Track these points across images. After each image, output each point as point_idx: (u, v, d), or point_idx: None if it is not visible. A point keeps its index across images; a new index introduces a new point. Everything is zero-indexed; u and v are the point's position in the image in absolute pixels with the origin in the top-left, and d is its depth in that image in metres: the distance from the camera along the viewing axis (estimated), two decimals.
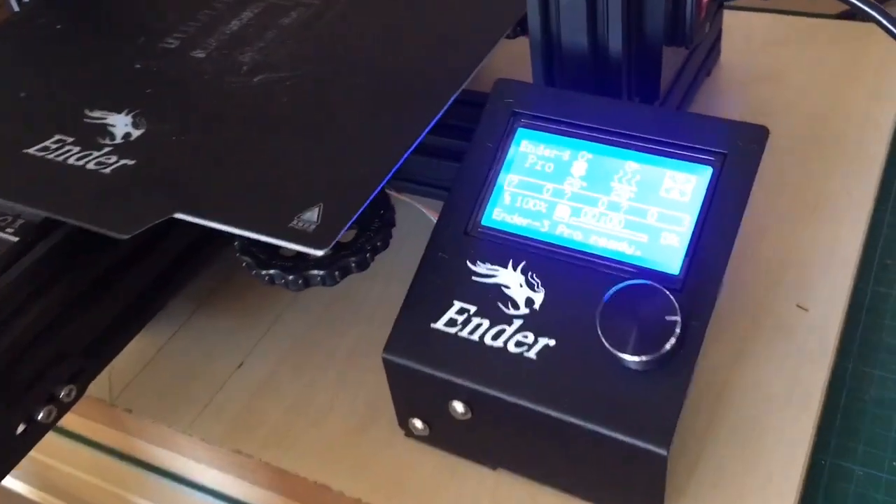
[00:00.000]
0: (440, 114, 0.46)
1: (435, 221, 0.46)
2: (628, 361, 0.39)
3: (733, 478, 0.44)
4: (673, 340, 0.39)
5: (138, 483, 0.59)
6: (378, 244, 0.44)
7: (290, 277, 0.43)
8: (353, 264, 0.44)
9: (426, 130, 0.45)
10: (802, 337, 0.50)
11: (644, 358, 0.39)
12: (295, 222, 0.40)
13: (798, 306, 0.52)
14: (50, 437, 0.47)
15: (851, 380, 0.50)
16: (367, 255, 0.44)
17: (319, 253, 0.39)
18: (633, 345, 0.39)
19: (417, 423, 0.46)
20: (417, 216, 0.51)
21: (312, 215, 0.41)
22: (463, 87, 0.47)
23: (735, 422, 0.47)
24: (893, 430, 0.47)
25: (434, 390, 0.43)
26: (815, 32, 0.71)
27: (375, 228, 0.45)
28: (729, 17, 0.68)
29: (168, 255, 0.49)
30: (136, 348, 0.54)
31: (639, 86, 0.52)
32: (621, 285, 0.40)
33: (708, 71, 0.67)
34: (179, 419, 0.51)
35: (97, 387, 0.51)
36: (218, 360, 0.54)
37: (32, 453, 0.45)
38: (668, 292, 0.39)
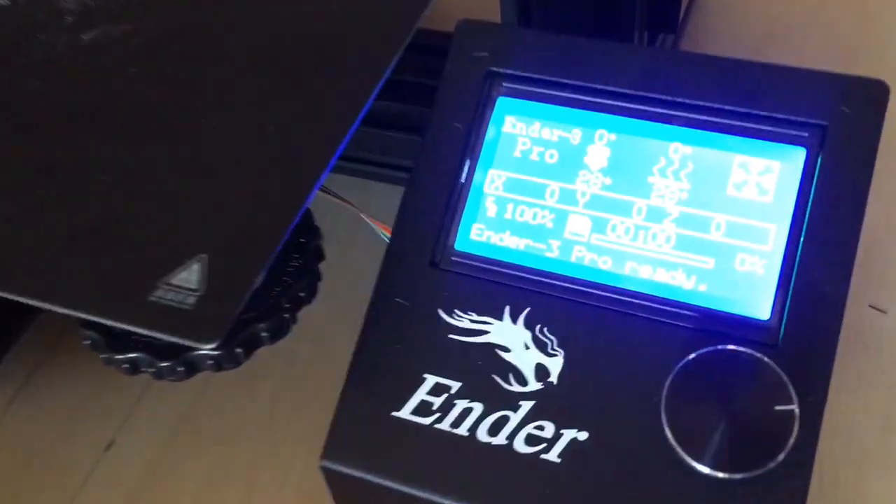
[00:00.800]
0: (381, 82, 0.29)
1: (387, 240, 0.31)
2: (716, 477, 0.25)
3: None
4: (790, 443, 0.24)
5: None
6: (301, 294, 0.29)
7: (165, 365, 0.27)
8: (263, 333, 0.28)
9: (363, 112, 0.29)
10: (886, 349, 0.37)
11: (743, 476, 0.25)
12: (161, 292, 0.24)
13: (872, 308, 0.38)
14: None
15: None
16: (286, 314, 0.28)
17: (207, 346, 0.23)
18: (724, 454, 0.25)
19: None
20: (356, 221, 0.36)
21: (191, 276, 0.24)
22: (411, 35, 0.31)
23: (818, 485, 0.34)
24: None
25: None
26: None
27: (295, 269, 0.29)
28: None
29: None
30: None
31: (652, 13, 0.36)
32: (699, 353, 0.26)
33: None
34: None
35: None
36: (75, 442, 0.38)
37: None
38: (777, 368, 0.25)
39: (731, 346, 0.25)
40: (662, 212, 0.29)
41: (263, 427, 0.37)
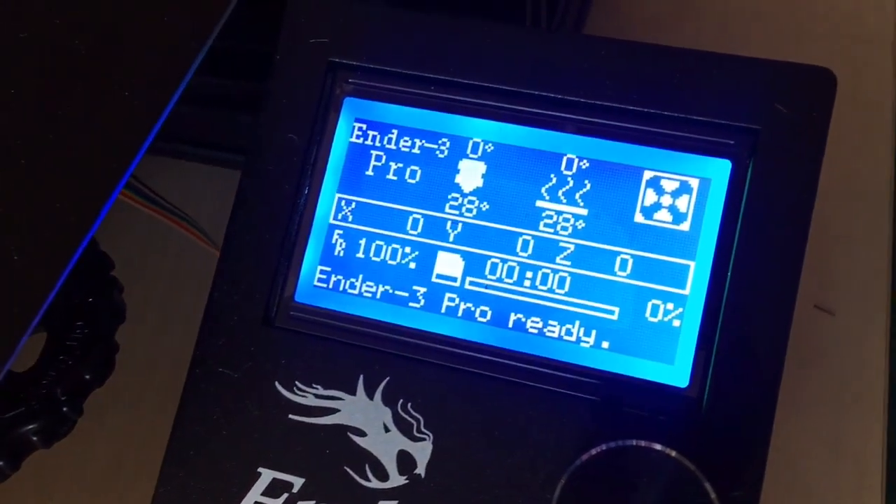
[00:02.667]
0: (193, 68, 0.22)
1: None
2: None
3: None
4: None
5: None
6: (86, 377, 0.22)
7: None
8: (34, 437, 0.21)
9: (167, 109, 0.21)
10: (835, 357, 0.32)
11: None
12: None
13: (818, 308, 0.33)
14: None
15: None
16: (65, 407, 0.21)
17: None
18: None
19: None
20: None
21: None
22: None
23: None
24: None
25: None
26: None
27: (79, 343, 0.22)
28: None
29: None
30: None
31: None
32: (598, 451, 0.20)
33: None
34: None
35: None
36: None
37: None
38: (696, 471, 0.19)
39: (637, 441, 0.19)
40: (554, 246, 0.22)
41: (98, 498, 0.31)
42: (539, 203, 0.23)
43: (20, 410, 0.21)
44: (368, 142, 0.24)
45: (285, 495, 0.22)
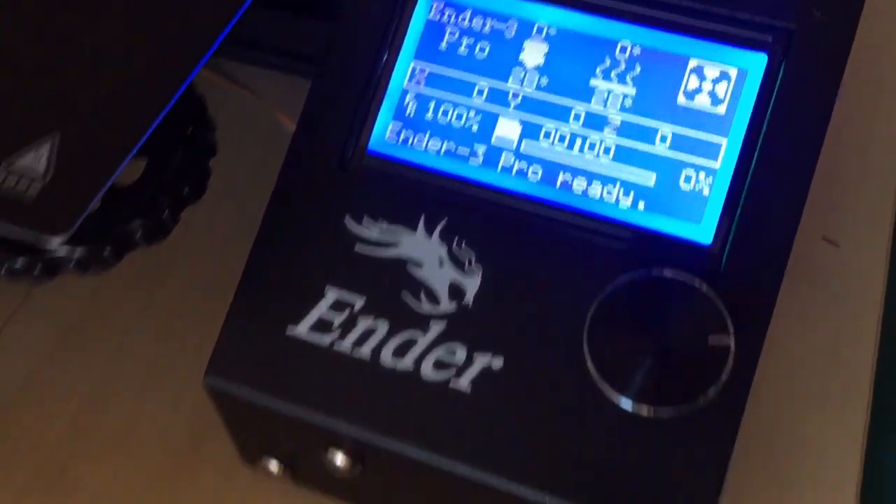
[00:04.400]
0: None
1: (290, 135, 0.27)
2: (639, 412, 0.22)
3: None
4: (723, 379, 0.22)
5: None
6: (186, 191, 0.25)
7: (19, 262, 0.23)
8: (138, 233, 0.24)
9: None
10: (838, 285, 0.35)
11: (668, 411, 0.22)
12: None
13: (825, 240, 0.36)
14: None
15: None
16: (166, 213, 0.25)
17: (55, 242, 0.20)
18: (648, 388, 0.22)
19: (272, 466, 0.29)
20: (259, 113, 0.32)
21: (36, 161, 0.21)
22: None
23: (755, 423, 0.32)
24: None
25: (298, 434, 0.26)
26: None
27: (181, 164, 0.25)
28: None
29: None
30: None
31: None
32: (627, 277, 0.23)
33: None
34: None
35: None
36: None
37: None
38: (713, 296, 0.22)
39: (663, 270, 0.22)
40: (603, 119, 0.25)
41: (157, 340, 0.34)
42: (593, 81, 0.26)
43: (129, 210, 0.24)
44: (444, 19, 0.27)
45: (347, 311, 0.25)
